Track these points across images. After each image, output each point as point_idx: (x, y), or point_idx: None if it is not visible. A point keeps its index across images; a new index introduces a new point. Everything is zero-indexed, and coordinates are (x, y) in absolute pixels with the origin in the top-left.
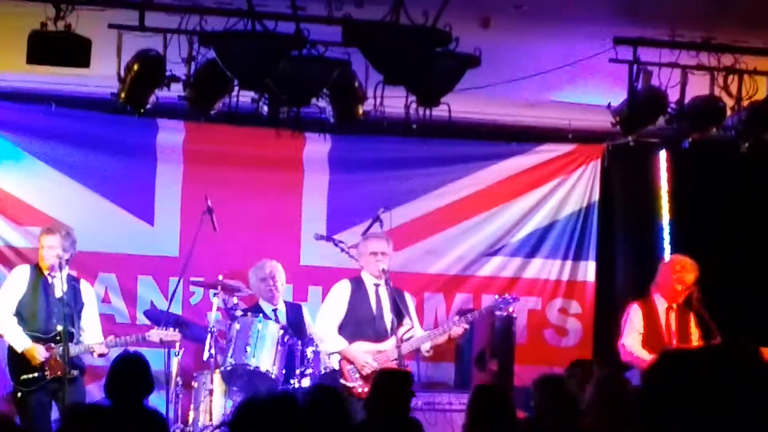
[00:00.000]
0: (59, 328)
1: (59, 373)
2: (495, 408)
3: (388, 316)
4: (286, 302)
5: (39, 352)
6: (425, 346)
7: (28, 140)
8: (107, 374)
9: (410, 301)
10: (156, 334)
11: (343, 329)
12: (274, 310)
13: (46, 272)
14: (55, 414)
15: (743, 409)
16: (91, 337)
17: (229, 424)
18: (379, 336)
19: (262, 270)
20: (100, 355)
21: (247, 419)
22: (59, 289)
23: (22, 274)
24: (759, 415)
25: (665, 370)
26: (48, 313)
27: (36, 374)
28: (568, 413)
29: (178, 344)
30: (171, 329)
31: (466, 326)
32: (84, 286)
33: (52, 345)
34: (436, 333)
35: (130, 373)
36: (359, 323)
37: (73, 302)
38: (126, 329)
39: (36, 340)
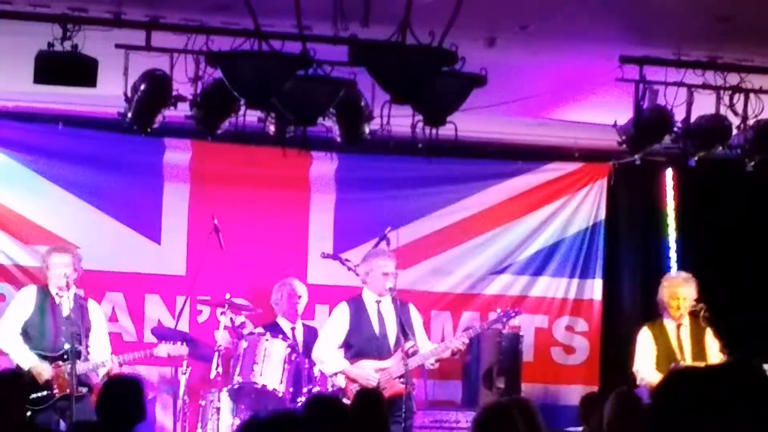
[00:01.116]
0: (67, 346)
1: (67, 391)
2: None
3: (392, 333)
4: (303, 324)
5: (44, 369)
6: (429, 361)
7: (35, 159)
8: (99, 393)
9: (416, 315)
10: (164, 348)
11: (346, 350)
12: (293, 329)
13: (54, 291)
14: None
15: (750, 427)
16: (100, 355)
17: None
18: (383, 353)
19: (291, 287)
20: (109, 376)
21: None
22: (66, 307)
23: (28, 295)
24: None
25: (673, 389)
26: (55, 332)
27: (45, 392)
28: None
29: (185, 362)
30: (179, 343)
31: (465, 341)
32: (92, 305)
33: (60, 363)
34: (438, 350)
35: (120, 396)
36: (362, 342)
37: (81, 321)
38: (133, 347)
39: (44, 358)
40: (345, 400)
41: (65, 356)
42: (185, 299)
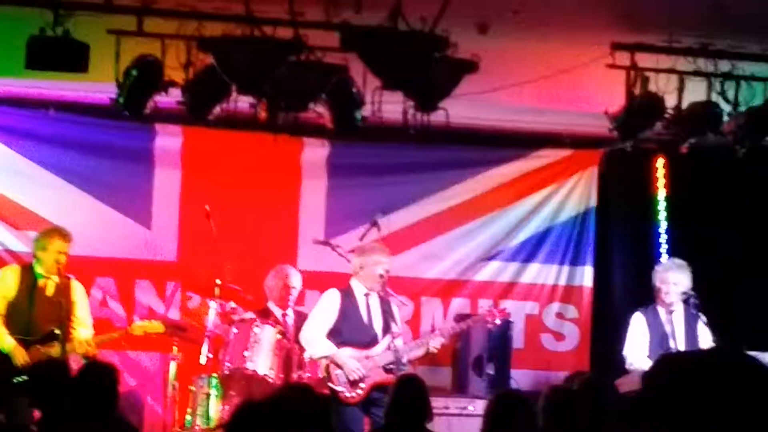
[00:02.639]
0: (49, 329)
1: None
2: (517, 415)
3: (378, 324)
4: (294, 309)
5: (19, 354)
6: (404, 359)
7: (26, 145)
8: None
9: (397, 310)
10: (139, 327)
11: (333, 337)
12: (284, 315)
13: (42, 274)
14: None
15: (739, 413)
16: (83, 336)
17: (226, 427)
18: (369, 343)
19: (287, 277)
20: (89, 357)
21: (244, 423)
22: (51, 289)
23: (11, 276)
24: (754, 419)
25: (662, 375)
26: (38, 314)
27: (26, 377)
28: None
29: (175, 348)
30: (153, 321)
31: (438, 345)
32: (74, 285)
33: (39, 347)
34: (415, 345)
35: (93, 384)
36: (350, 331)
37: (64, 302)
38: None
39: (25, 342)
40: (329, 384)
41: (46, 339)
42: (176, 285)
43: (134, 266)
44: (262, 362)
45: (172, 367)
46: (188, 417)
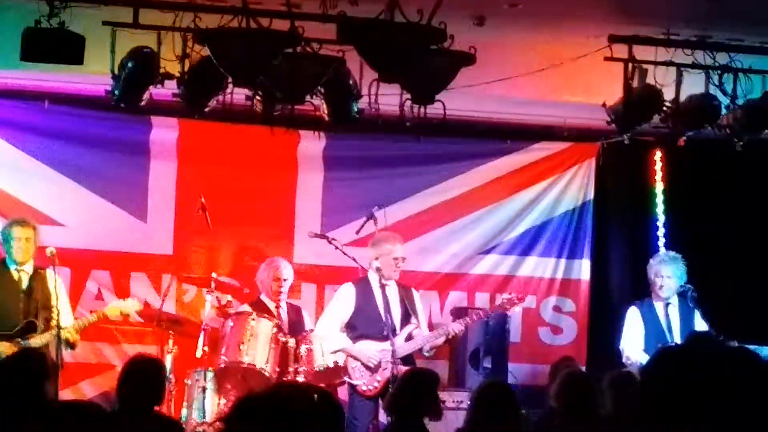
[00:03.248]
0: (26, 321)
1: None
2: (500, 405)
3: (397, 316)
4: (288, 302)
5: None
6: (426, 347)
7: (21, 137)
8: (119, 375)
9: (418, 299)
10: (114, 308)
11: (350, 330)
12: (277, 307)
13: (12, 266)
14: None
15: (736, 406)
16: (63, 324)
17: (225, 420)
18: (387, 335)
19: (277, 269)
20: (69, 345)
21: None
22: (24, 281)
23: None
24: (751, 412)
25: (660, 369)
26: (14, 308)
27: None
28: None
29: (171, 341)
30: (129, 300)
31: (462, 328)
32: (49, 274)
33: (19, 340)
34: (433, 336)
35: (138, 377)
36: (367, 324)
37: (40, 294)
38: (118, 327)
39: (4, 337)
40: (346, 378)
41: (24, 331)
42: (171, 278)
43: (130, 259)
44: (259, 356)
45: (168, 360)
46: (184, 411)
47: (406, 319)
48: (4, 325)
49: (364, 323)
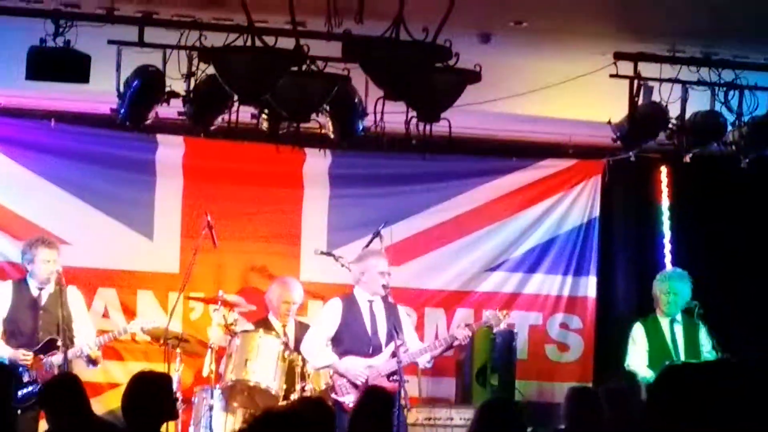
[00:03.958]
0: (48, 338)
1: None
2: (504, 422)
3: (383, 332)
4: (295, 320)
5: (22, 354)
6: (424, 359)
7: (27, 156)
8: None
9: (405, 316)
10: (137, 324)
11: (336, 346)
12: (284, 326)
13: (34, 285)
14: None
15: (743, 422)
16: (84, 342)
17: None
18: (373, 352)
19: (289, 292)
20: (92, 362)
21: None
22: (45, 299)
23: (3, 292)
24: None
25: (667, 384)
26: (34, 325)
27: (30, 388)
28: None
29: (178, 360)
30: (152, 319)
31: (468, 333)
32: (70, 292)
33: (41, 356)
34: (432, 346)
35: (144, 393)
36: (353, 340)
37: (60, 310)
38: (125, 345)
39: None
40: (333, 395)
41: (46, 349)
42: (178, 296)
43: (136, 277)
44: (266, 373)
45: (175, 378)
46: (191, 429)
47: (391, 336)
48: (27, 344)
49: (350, 339)
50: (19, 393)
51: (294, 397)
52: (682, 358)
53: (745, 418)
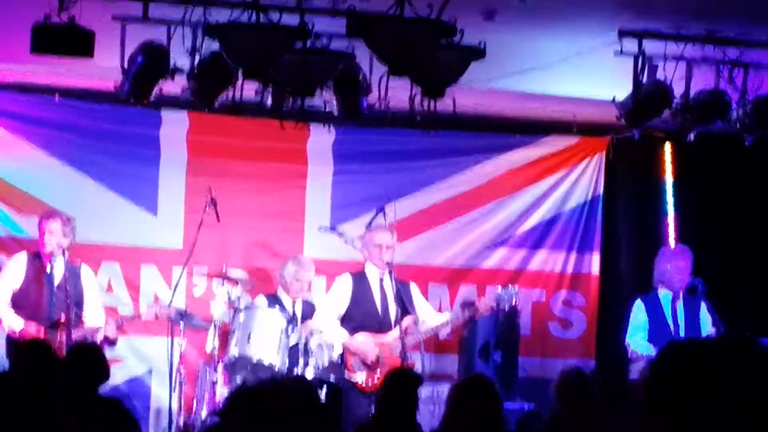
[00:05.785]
0: (58, 315)
1: None
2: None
3: (393, 309)
4: (302, 299)
5: (33, 328)
6: (445, 331)
7: (31, 131)
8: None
9: (417, 291)
10: (151, 310)
11: (346, 322)
12: (293, 303)
13: (46, 259)
14: None
15: (745, 399)
16: (95, 322)
17: (220, 413)
18: (383, 328)
19: (304, 270)
20: (109, 341)
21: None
22: (59, 276)
23: (18, 263)
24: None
25: (670, 361)
26: (47, 301)
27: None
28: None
29: (182, 334)
30: (165, 304)
31: (493, 304)
32: (85, 271)
33: (49, 332)
34: (455, 318)
35: (78, 361)
36: (363, 316)
37: (73, 289)
38: (129, 319)
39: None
40: (345, 372)
41: (56, 325)
42: (182, 271)
43: (140, 252)
44: (268, 349)
45: (178, 353)
46: (195, 404)
47: (402, 312)
48: (36, 318)
49: (360, 315)
50: None
51: (296, 372)
52: (682, 334)
53: (748, 394)
